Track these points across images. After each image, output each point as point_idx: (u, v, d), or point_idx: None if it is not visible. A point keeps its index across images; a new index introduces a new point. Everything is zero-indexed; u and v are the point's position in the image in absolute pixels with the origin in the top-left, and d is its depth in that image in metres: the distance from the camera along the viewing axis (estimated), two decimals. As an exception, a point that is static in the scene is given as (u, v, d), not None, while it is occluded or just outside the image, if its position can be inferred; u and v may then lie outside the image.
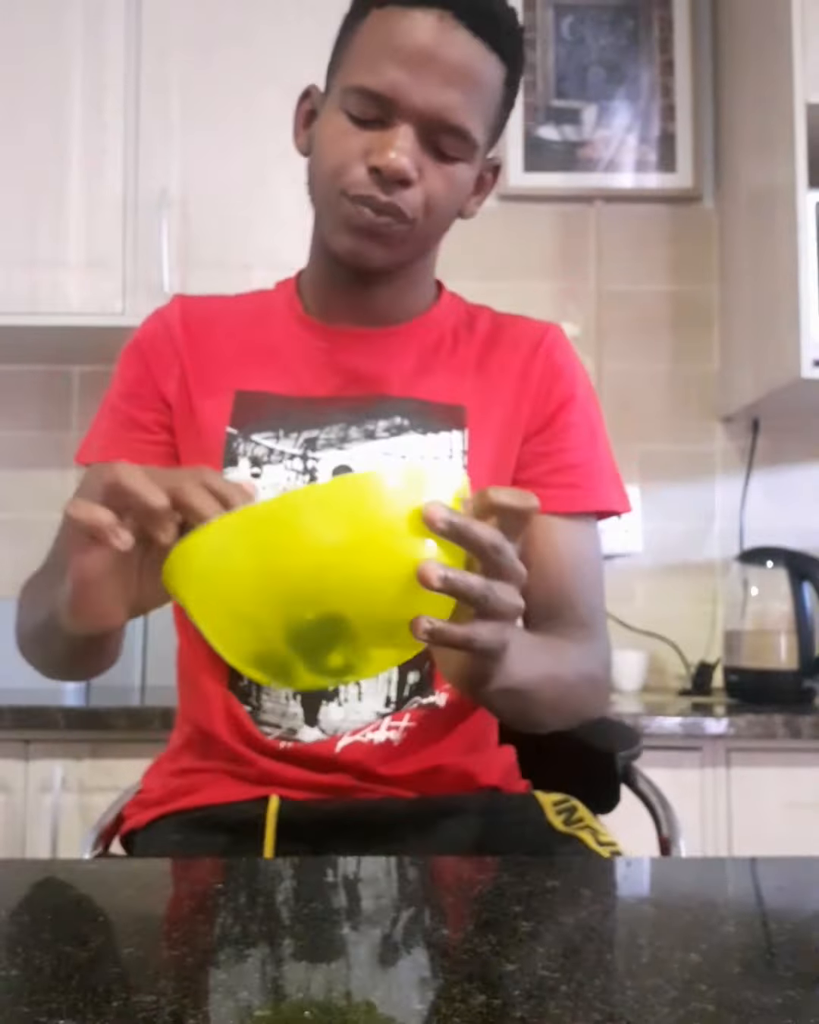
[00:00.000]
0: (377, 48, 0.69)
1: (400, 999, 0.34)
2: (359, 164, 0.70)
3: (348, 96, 0.70)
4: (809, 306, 1.48)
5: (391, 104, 0.69)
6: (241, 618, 0.45)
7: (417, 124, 0.69)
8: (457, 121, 0.69)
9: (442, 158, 0.71)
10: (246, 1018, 0.33)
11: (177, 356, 0.81)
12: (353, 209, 0.70)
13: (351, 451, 0.76)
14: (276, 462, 0.76)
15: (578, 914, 0.45)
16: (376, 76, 0.68)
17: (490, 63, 0.70)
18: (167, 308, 0.85)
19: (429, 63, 0.68)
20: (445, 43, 0.68)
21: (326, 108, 0.73)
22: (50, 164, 1.60)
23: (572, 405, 0.82)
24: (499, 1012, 0.33)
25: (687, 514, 1.83)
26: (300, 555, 0.43)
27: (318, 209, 0.75)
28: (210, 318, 0.83)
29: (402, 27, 0.68)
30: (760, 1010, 0.34)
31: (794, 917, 0.46)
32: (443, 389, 0.80)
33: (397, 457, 0.77)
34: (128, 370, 0.83)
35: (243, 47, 1.61)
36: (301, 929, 0.43)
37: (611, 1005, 0.35)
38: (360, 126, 0.70)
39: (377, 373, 0.79)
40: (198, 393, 0.80)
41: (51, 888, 0.50)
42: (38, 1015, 0.33)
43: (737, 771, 1.36)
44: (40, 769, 1.35)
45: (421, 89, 0.68)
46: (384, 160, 0.68)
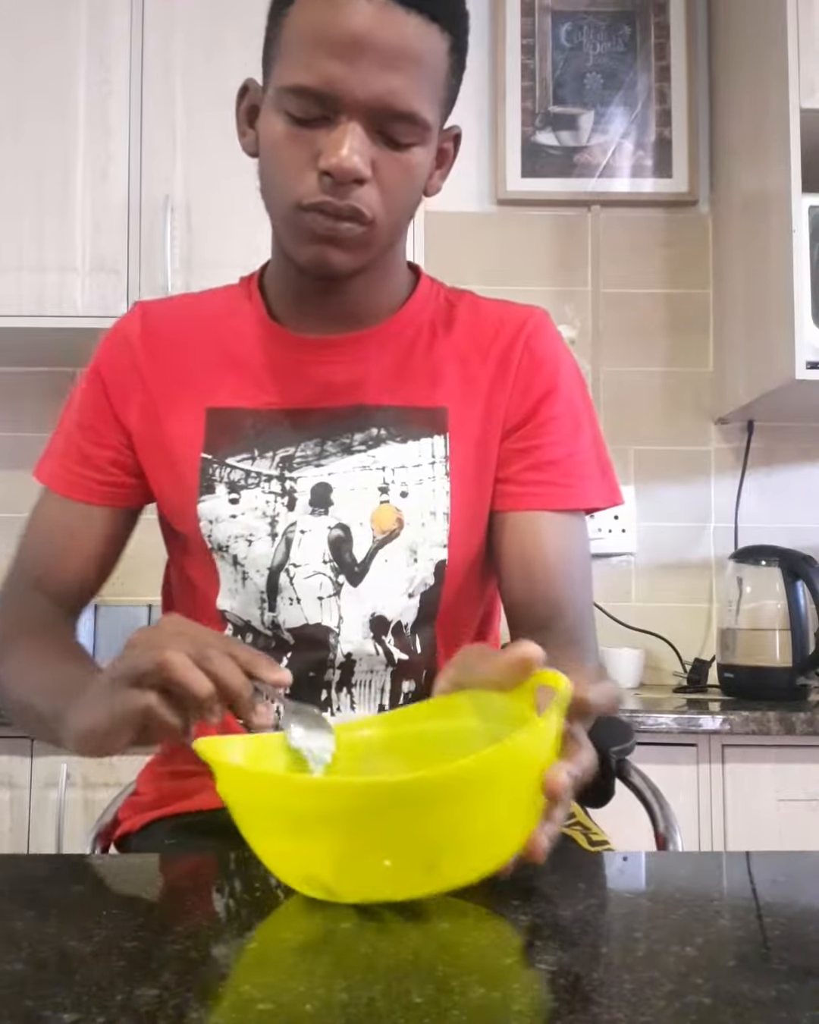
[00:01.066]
0: (307, 41, 0.64)
1: (399, 992, 0.35)
2: (308, 170, 0.65)
3: (285, 97, 0.65)
4: (802, 309, 1.49)
5: (331, 100, 0.64)
6: (298, 850, 0.44)
7: (362, 116, 0.64)
8: (404, 107, 0.64)
9: (395, 146, 0.66)
10: (248, 1011, 0.33)
11: (139, 378, 0.77)
12: (309, 218, 0.66)
13: (329, 467, 0.74)
14: (253, 486, 0.74)
15: (575, 908, 0.45)
16: (310, 72, 0.63)
17: (430, 36, 0.65)
18: (127, 320, 0.81)
19: (364, 50, 0.62)
20: (378, 26, 0.62)
21: (265, 109, 0.69)
22: (56, 169, 1.60)
23: (554, 397, 0.77)
24: (497, 1005, 0.34)
25: (682, 514, 1.84)
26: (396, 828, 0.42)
27: (274, 218, 0.71)
28: (174, 327, 0.79)
29: (329, 15, 0.63)
30: (755, 1003, 0.34)
31: (788, 911, 0.47)
32: (422, 392, 0.76)
33: (375, 470, 0.74)
34: (87, 396, 0.79)
35: (247, 52, 1.60)
36: (302, 924, 0.43)
37: (608, 998, 0.35)
38: (303, 126, 0.65)
39: (351, 381, 0.75)
40: (166, 413, 0.76)
41: (56, 883, 0.50)
42: (42, 1008, 0.33)
43: (732, 767, 1.37)
44: (45, 765, 1.36)
45: (360, 79, 0.63)
46: (334, 162, 0.63)
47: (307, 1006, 0.33)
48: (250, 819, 0.46)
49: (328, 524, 0.74)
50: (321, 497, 0.74)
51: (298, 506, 0.74)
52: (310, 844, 0.43)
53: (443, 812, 0.42)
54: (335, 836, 0.42)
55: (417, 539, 0.75)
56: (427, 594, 0.76)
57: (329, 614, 0.74)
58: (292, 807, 0.43)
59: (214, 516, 0.74)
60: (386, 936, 0.41)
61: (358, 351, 0.76)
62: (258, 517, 0.74)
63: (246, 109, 0.73)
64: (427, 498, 0.75)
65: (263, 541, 0.74)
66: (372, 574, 0.74)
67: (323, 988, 0.35)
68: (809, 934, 0.43)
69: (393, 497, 0.75)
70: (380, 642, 0.75)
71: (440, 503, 0.75)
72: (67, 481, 0.79)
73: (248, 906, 0.46)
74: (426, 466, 0.75)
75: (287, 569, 0.74)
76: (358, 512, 0.74)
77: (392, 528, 0.74)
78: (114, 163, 1.60)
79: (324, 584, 0.74)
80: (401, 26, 0.63)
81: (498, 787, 0.43)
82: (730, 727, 1.34)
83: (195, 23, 1.62)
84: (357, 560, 0.74)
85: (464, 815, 0.42)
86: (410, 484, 0.75)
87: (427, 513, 0.75)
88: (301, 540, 0.74)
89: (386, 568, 0.74)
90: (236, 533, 0.74)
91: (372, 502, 0.74)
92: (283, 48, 0.66)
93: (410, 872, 0.43)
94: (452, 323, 0.78)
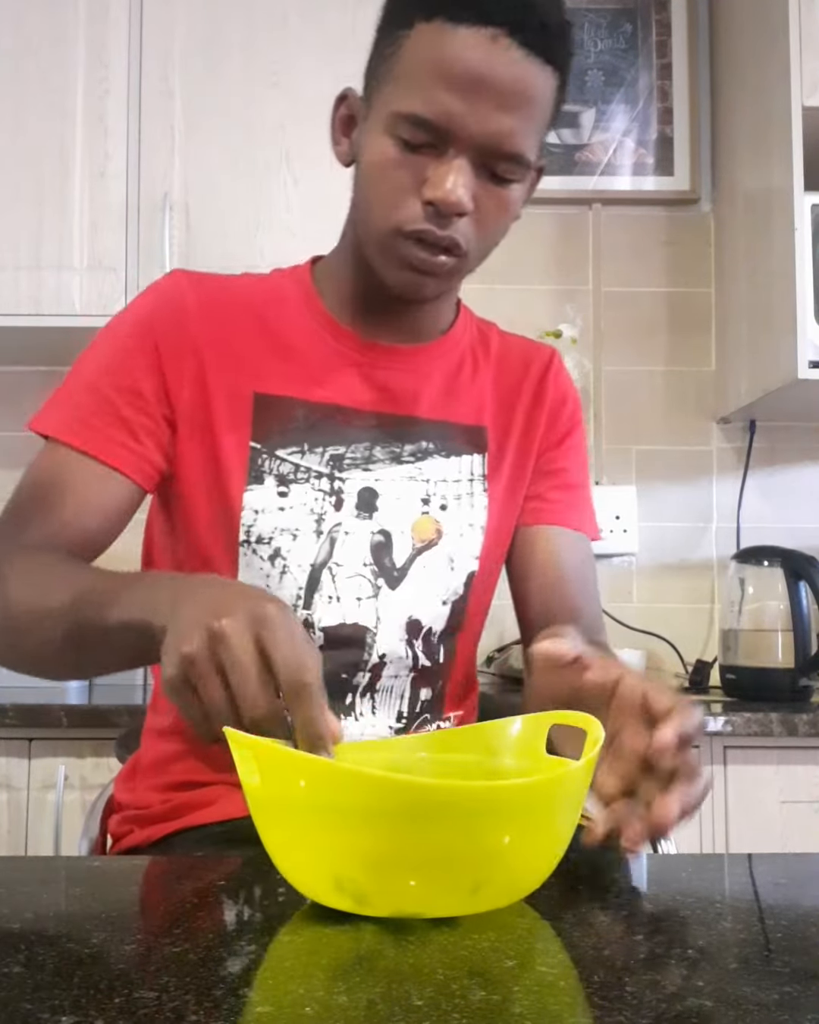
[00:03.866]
0: (428, 72, 0.65)
1: (399, 995, 0.34)
2: (413, 198, 0.66)
3: (398, 122, 0.66)
4: (805, 308, 1.48)
5: (445, 133, 0.65)
6: (337, 848, 0.41)
7: (471, 151, 0.66)
8: (513, 148, 0.66)
9: (497, 181, 0.68)
10: (247, 1014, 0.33)
11: (193, 350, 0.73)
12: (407, 246, 0.68)
13: (377, 472, 0.76)
14: (302, 481, 0.74)
15: (576, 910, 0.45)
16: (429, 104, 0.64)
17: (544, 77, 0.66)
18: (174, 284, 0.75)
19: (484, 89, 0.64)
20: (498, 65, 0.64)
21: (371, 129, 0.69)
22: (54, 168, 1.60)
23: (576, 432, 0.85)
24: (498, 1008, 0.34)
25: (684, 514, 1.84)
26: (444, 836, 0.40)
27: (365, 235, 0.71)
28: (223, 303, 0.76)
29: (453, 49, 0.64)
30: (757, 1006, 0.34)
31: (791, 913, 0.46)
32: (466, 410, 0.80)
33: (420, 481, 0.77)
34: (134, 357, 0.72)
35: (245, 53, 1.61)
36: (301, 925, 0.43)
37: (609, 1001, 0.35)
38: (411, 152, 0.66)
39: (408, 391, 0.77)
40: (214, 392, 0.73)
41: (54, 885, 0.50)
42: (40, 1011, 0.33)
43: (734, 768, 1.37)
44: (43, 767, 1.35)
45: (476, 118, 0.64)
46: (441, 193, 0.65)
47: (307, 1009, 0.33)
48: (287, 812, 0.42)
49: (371, 529, 0.75)
50: (367, 502, 0.75)
51: (345, 507, 0.75)
52: (352, 840, 0.41)
53: (494, 825, 0.41)
54: (381, 835, 0.40)
55: (454, 549, 0.78)
56: (457, 603, 0.79)
57: (367, 615, 0.75)
58: (348, 801, 0.40)
59: (261, 507, 0.73)
60: (386, 938, 0.41)
61: (417, 363, 0.78)
62: (306, 513, 0.74)
63: (343, 118, 0.74)
64: (465, 511, 0.79)
65: (308, 537, 0.74)
66: (410, 579, 0.76)
67: (322, 991, 0.35)
68: (811, 937, 0.42)
69: (433, 509, 0.78)
70: (411, 646, 0.76)
71: (478, 517, 0.79)
72: (93, 440, 0.70)
73: (248, 909, 0.46)
74: (465, 482, 0.79)
75: (330, 567, 0.74)
76: (400, 521, 0.76)
77: (431, 538, 0.77)
78: (112, 162, 1.60)
79: (363, 586, 0.75)
80: (520, 67, 0.64)
81: (552, 809, 0.43)
82: (732, 728, 1.34)
83: (194, 22, 1.62)
84: (396, 565, 0.76)
85: (515, 832, 0.42)
86: (449, 498, 0.78)
87: (465, 525, 0.79)
88: (345, 541, 0.75)
89: (424, 574, 0.77)
90: (282, 526, 0.73)
91: (414, 512, 0.77)
92: (399, 71, 0.67)
93: (450, 886, 0.42)
94: (488, 352, 0.83)
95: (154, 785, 0.77)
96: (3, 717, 1.33)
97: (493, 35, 0.64)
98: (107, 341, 0.75)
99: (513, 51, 0.64)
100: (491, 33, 0.64)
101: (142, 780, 0.78)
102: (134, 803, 0.77)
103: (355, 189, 0.72)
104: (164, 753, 0.77)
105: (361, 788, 0.40)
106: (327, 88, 1.61)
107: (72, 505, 0.69)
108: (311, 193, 1.59)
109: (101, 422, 0.71)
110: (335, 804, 0.40)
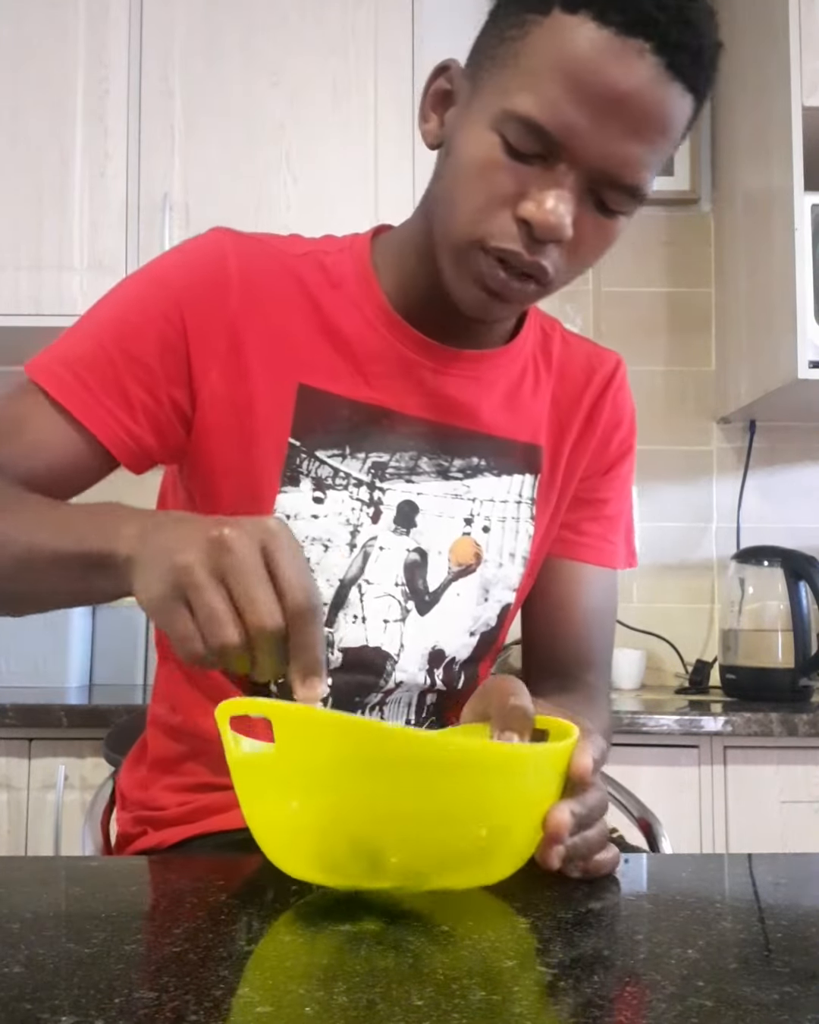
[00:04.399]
0: (555, 71, 0.56)
1: (400, 995, 0.34)
2: (506, 211, 0.58)
3: (509, 121, 0.57)
4: (805, 308, 1.48)
5: (560, 147, 0.57)
6: (358, 806, 0.42)
7: (583, 173, 0.58)
8: (632, 180, 0.58)
9: (602, 210, 0.60)
10: (248, 1014, 0.33)
11: (230, 329, 0.65)
12: (488, 265, 0.60)
13: (420, 485, 0.69)
14: (340, 487, 0.67)
15: (576, 910, 0.45)
16: (551, 112, 0.56)
17: (683, 106, 0.58)
18: (213, 247, 0.66)
19: (619, 111, 0.56)
20: (640, 87, 0.55)
21: (474, 118, 0.59)
22: (54, 168, 1.60)
23: (627, 458, 0.79)
24: (498, 1008, 0.34)
25: (684, 514, 1.84)
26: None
27: (441, 240, 0.63)
28: (268, 270, 0.66)
29: (592, 53, 0.55)
30: (757, 1006, 0.34)
31: (791, 913, 0.46)
32: (525, 426, 0.73)
33: (466, 500, 0.71)
34: (153, 325, 0.64)
35: (244, 53, 1.61)
36: (302, 925, 0.43)
37: (609, 1001, 0.35)
38: (515, 157, 0.58)
39: (468, 402, 0.70)
40: (255, 378, 0.65)
41: (54, 885, 0.50)
42: (40, 1011, 0.33)
43: (734, 768, 1.37)
44: (43, 767, 1.35)
45: (601, 138, 0.56)
46: (541, 215, 0.57)
47: (307, 1009, 0.33)
48: (307, 772, 0.42)
49: (407, 546, 0.70)
50: (406, 516, 0.70)
51: (382, 520, 0.69)
52: (376, 791, 0.42)
53: (502, 785, 0.44)
54: (404, 789, 0.42)
55: (491, 579, 0.73)
56: (487, 634, 0.75)
57: (391, 639, 0.70)
58: (376, 754, 0.41)
59: (294, 512, 0.67)
60: (386, 938, 0.41)
61: (480, 370, 0.71)
62: (341, 523, 0.68)
63: (438, 92, 0.64)
64: (509, 538, 0.73)
65: (340, 550, 0.68)
66: (441, 606, 0.71)
67: (323, 991, 0.35)
68: (812, 937, 0.42)
69: (475, 530, 0.72)
70: (431, 675, 0.73)
71: (521, 546, 0.74)
72: (83, 401, 0.63)
73: (248, 908, 0.46)
74: (512, 504, 0.73)
75: (359, 584, 0.69)
76: (439, 540, 0.71)
77: (469, 563, 0.72)
78: (112, 162, 1.60)
79: (392, 607, 0.70)
80: (662, 92, 0.56)
81: (546, 780, 0.46)
82: (732, 728, 1.34)
83: (194, 22, 1.62)
84: (429, 589, 0.71)
85: (518, 798, 0.45)
86: (494, 520, 0.73)
87: (507, 554, 0.73)
88: (378, 557, 0.69)
89: (456, 603, 0.72)
90: (314, 535, 0.67)
91: (455, 532, 0.71)
92: (522, 62, 0.57)
93: (464, 846, 0.44)
94: (550, 359, 0.76)
95: (169, 785, 0.73)
96: (3, 717, 1.33)
97: (640, 49, 0.55)
98: (126, 296, 0.67)
99: (659, 72, 0.56)
100: (639, 46, 0.55)
101: (153, 777, 0.75)
102: (147, 803, 0.74)
103: (439, 178, 0.63)
104: (174, 751, 0.74)
105: (388, 743, 0.42)
106: (327, 88, 1.63)
107: (28, 445, 0.63)
108: (311, 193, 1.59)
109: (101, 389, 0.64)
110: (367, 758, 0.41)
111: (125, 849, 0.75)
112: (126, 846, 0.75)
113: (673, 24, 0.56)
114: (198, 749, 0.72)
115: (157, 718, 0.77)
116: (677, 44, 0.56)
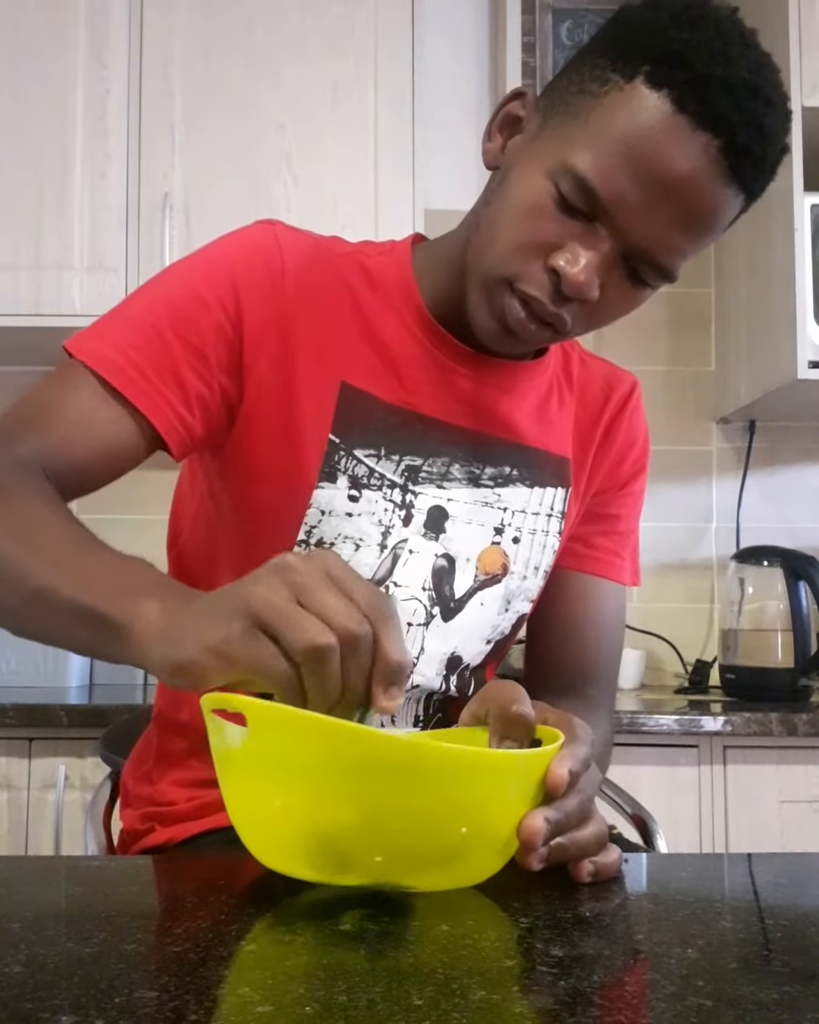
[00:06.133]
0: (622, 142, 0.57)
1: (400, 995, 0.34)
2: (538, 255, 0.60)
3: (566, 174, 0.59)
4: (805, 308, 1.48)
5: (608, 214, 0.58)
6: (327, 805, 0.42)
7: (622, 243, 0.59)
8: (669, 264, 0.60)
9: (633, 279, 0.62)
10: (248, 1014, 0.33)
11: (282, 322, 0.64)
12: (510, 301, 0.61)
13: (451, 492, 0.70)
14: (375, 487, 0.67)
15: (576, 909, 0.45)
16: (605, 177, 0.57)
17: (734, 204, 0.59)
18: (269, 239, 0.65)
19: (668, 195, 0.57)
20: (696, 179, 0.56)
21: (533, 159, 0.61)
22: (54, 168, 1.60)
23: (640, 476, 0.81)
24: (498, 1007, 0.34)
25: (684, 514, 1.84)
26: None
27: (474, 266, 0.64)
28: (318, 266, 0.66)
29: (659, 135, 0.56)
30: (757, 1005, 0.34)
31: (790, 913, 0.46)
32: (556, 439, 0.74)
33: (497, 509, 0.71)
34: (212, 314, 0.63)
35: (244, 53, 1.62)
36: (302, 925, 0.43)
37: (609, 1000, 0.35)
38: (563, 211, 0.59)
39: (503, 410, 0.71)
40: (301, 374, 0.65)
41: (54, 885, 0.50)
42: (41, 1011, 0.33)
43: (733, 768, 1.37)
44: (43, 767, 1.36)
45: (647, 221, 0.58)
46: (570, 274, 0.59)
47: (307, 1008, 0.33)
48: (280, 772, 0.42)
49: (436, 551, 0.70)
50: (436, 521, 0.70)
51: (413, 524, 0.69)
52: (348, 793, 0.42)
53: (478, 790, 0.44)
54: (378, 791, 0.42)
55: (515, 590, 0.74)
56: (500, 642, 0.76)
57: (412, 643, 0.70)
58: (349, 755, 0.41)
59: (330, 508, 0.67)
60: (386, 938, 0.41)
61: (515, 380, 0.72)
62: (373, 523, 0.68)
63: (508, 116, 0.65)
64: (537, 551, 0.74)
65: (371, 550, 0.68)
66: (465, 614, 0.72)
67: (323, 990, 0.35)
68: (811, 936, 0.42)
69: (505, 541, 0.72)
70: (447, 681, 0.73)
71: (546, 560, 0.75)
72: (138, 387, 0.61)
73: (248, 908, 0.46)
74: (544, 516, 0.74)
75: (387, 586, 0.69)
76: (468, 547, 0.71)
77: (495, 572, 0.72)
78: (112, 162, 1.60)
79: (418, 611, 0.70)
80: (717, 191, 0.58)
81: (522, 785, 0.46)
82: (732, 728, 1.34)
83: (194, 22, 1.62)
84: (455, 596, 0.71)
85: (494, 802, 0.45)
86: (524, 531, 0.73)
87: (532, 567, 0.74)
88: (407, 560, 0.69)
89: (479, 612, 0.73)
90: (347, 533, 0.67)
91: (484, 541, 0.72)
92: (593, 119, 0.59)
93: (439, 848, 0.44)
94: (570, 379, 0.77)
95: (177, 780, 0.72)
96: (3, 717, 1.33)
97: (707, 143, 0.56)
98: (180, 280, 0.65)
99: (719, 170, 0.57)
100: (706, 140, 0.56)
101: (161, 771, 0.74)
102: (156, 797, 0.73)
103: (486, 204, 0.64)
104: (180, 747, 0.73)
105: (359, 744, 0.42)
106: (327, 88, 1.63)
107: (71, 429, 0.60)
108: (311, 193, 1.59)
109: (154, 372, 0.62)
110: (337, 758, 0.42)
111: (131, 846, 0.75)
112: (132, 843, 0.74)
113: (745, 127, 0.56)
114: (204, 745, 0.72)
115: (162, 714, 0.76)
116: (743, 149, 0.57)
